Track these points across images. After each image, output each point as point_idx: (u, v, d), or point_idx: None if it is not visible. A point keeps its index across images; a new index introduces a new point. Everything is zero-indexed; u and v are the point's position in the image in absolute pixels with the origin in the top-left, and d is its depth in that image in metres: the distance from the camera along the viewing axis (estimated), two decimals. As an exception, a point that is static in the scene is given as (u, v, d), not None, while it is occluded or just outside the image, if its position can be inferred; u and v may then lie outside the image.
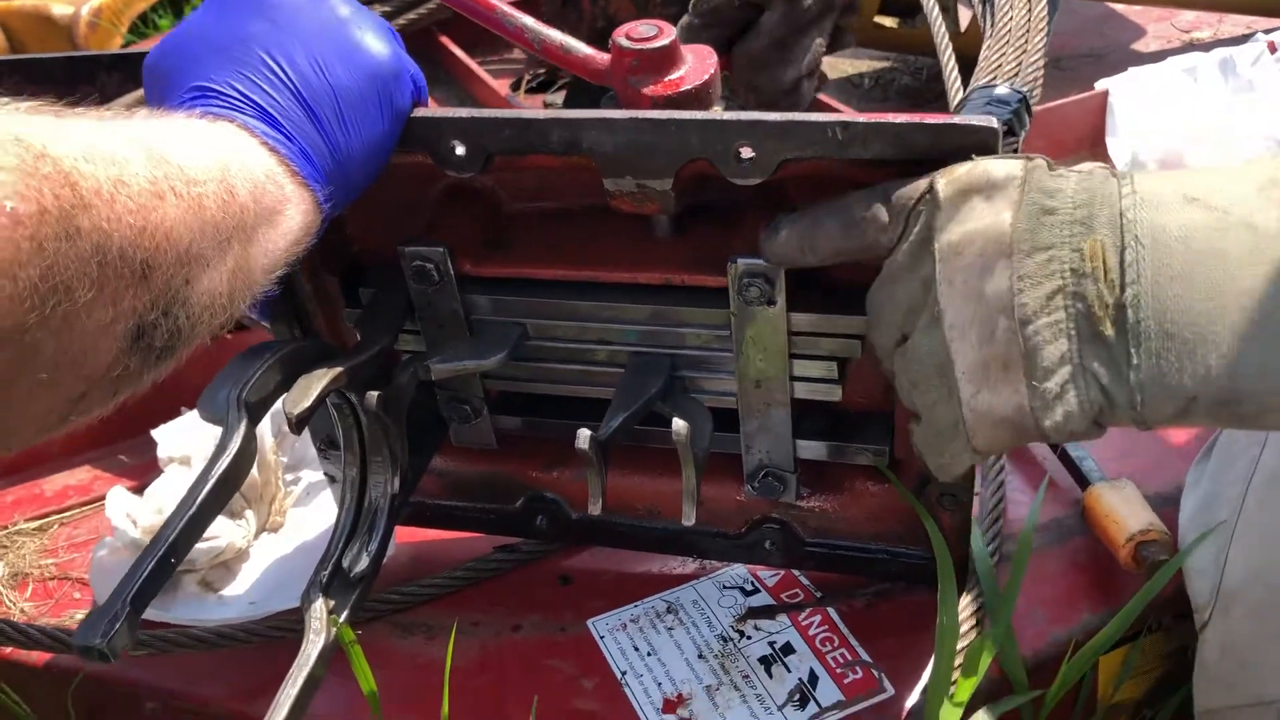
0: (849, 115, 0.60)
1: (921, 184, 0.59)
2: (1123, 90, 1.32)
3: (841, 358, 0.68)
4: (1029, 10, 1.12)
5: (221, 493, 0.57)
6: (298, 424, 0.63)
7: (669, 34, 0.69)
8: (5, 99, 0.44)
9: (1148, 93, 1.32)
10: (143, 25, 2.29)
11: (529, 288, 0.73)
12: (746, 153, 0.62)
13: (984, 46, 1.13)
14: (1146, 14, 1.75)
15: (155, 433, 0.95)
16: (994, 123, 0.58)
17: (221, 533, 0.86)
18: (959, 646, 0.69)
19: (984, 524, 0.77)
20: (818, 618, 0.78)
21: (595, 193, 0.71)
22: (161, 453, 0.94)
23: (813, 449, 0.73)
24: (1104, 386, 0.55)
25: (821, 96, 1.37)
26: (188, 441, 0.94)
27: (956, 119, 0.58)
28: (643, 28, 0.68)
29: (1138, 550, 0.74)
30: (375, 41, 0.63)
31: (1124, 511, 0.76)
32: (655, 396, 0.70)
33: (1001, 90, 0.73)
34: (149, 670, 0.82)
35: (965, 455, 0.60)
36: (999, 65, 1.14)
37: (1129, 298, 0.53)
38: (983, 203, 0.57)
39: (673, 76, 0.68)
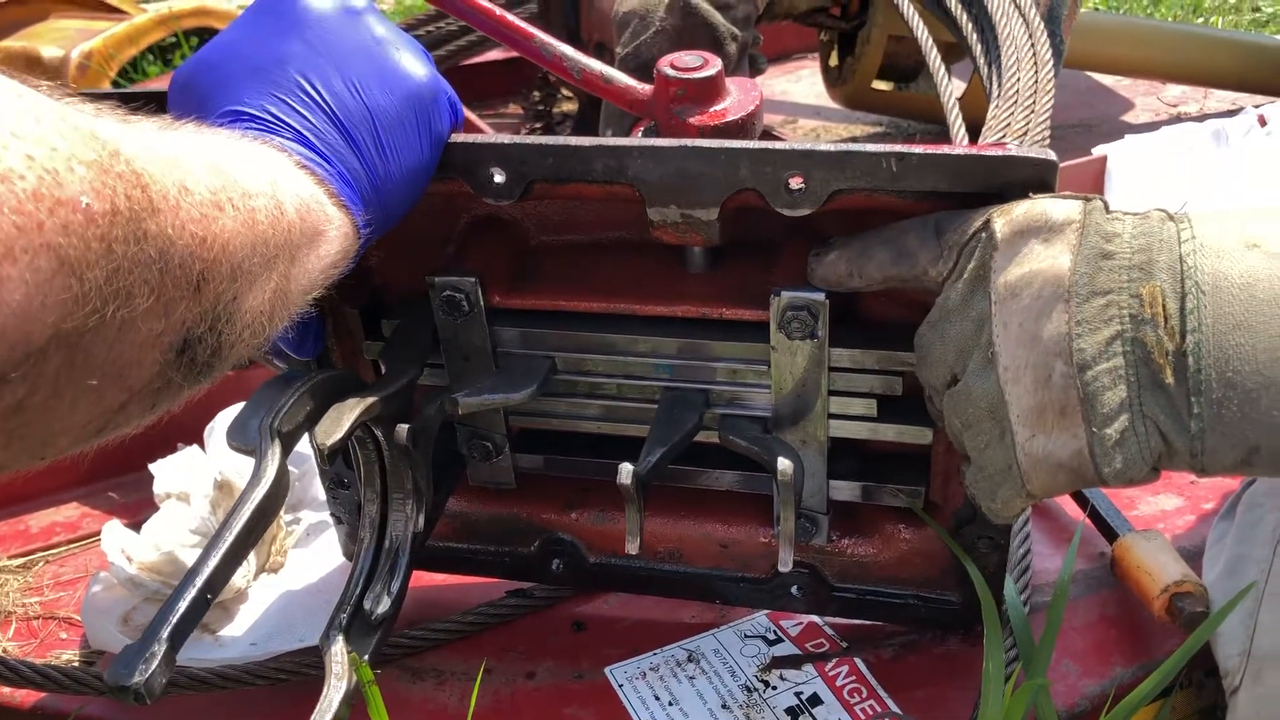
0: (902, 146, 0.59)
1: (976, 219, 0.58)
2: (1121, 156, 1.34)
3: (881, 394, 0.67)
4: (1035, 72, 1.14)
5: (259, 523, 0.55)
6: (330, 455, 0.61)
7: (714, 65, 0.68)
8: (70, 98, 0.43)
9: (1144, 159, 1.34)
10: (132, 70, 2.28)
11: (559, 320, 0.71)
12: (796, 183, 0.61)
13: (991, 107, 1.14)
14: (1134, 88, 1.78)
15: (153, 467, 0.92)
16: (1053, 156, 0.58)
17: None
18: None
19: (1014, 574, 0.76)
20: (845, 668, 0.75)
21: (626, 226, 0.70)
22: (158, 489, 0.91)
23: (846, 489, 0.72)
24: (1164, 434, 0.54)
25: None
26: (186, 477, 0.91)
27: (1015, 152, 0.58)
28: (688, 58, 0.68)
29: (1172, 602, 0.72)
30: (412, 63, 0.62)
31: (1157, 562, 0.74)
32: (693, 431, 0.69)
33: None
34: (141, 713, 0.78)
35: (1018, 499, 0.59)
36: (1008, 125, 1.15)
37: (1190, 345, 0.53)
38: (1040, 245, 0.56)
39: (718, 107, 0.68)
